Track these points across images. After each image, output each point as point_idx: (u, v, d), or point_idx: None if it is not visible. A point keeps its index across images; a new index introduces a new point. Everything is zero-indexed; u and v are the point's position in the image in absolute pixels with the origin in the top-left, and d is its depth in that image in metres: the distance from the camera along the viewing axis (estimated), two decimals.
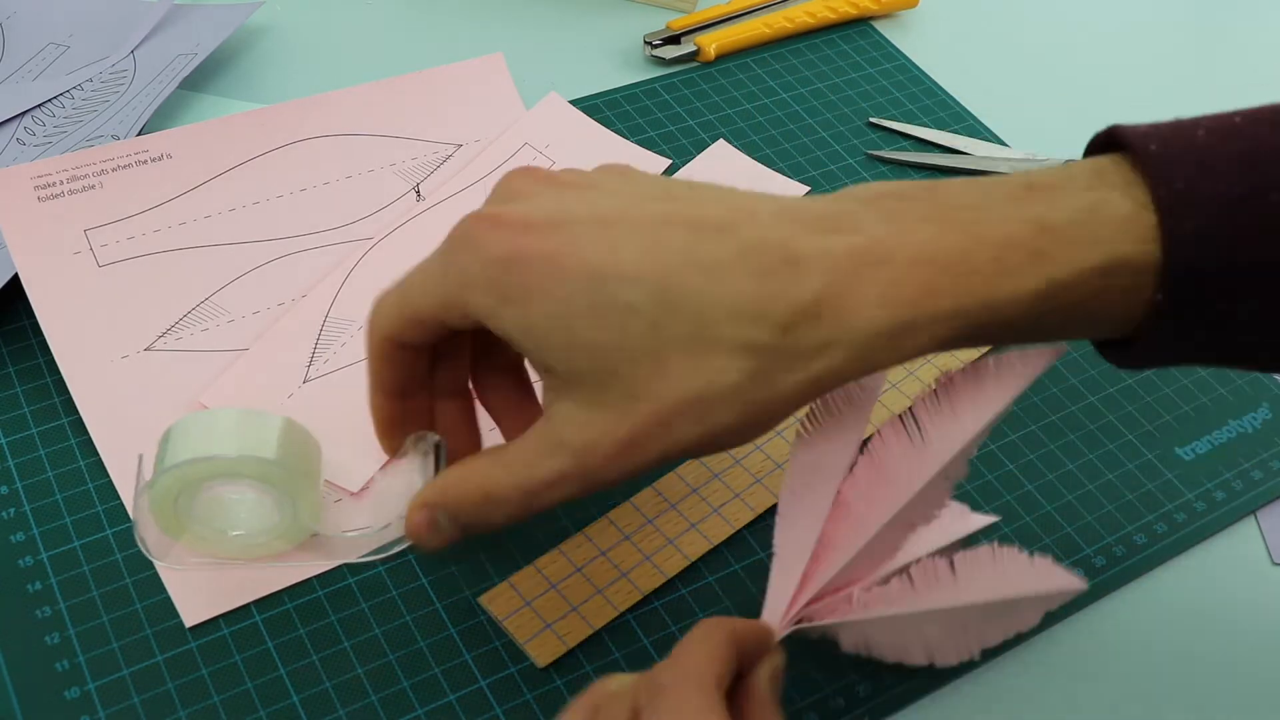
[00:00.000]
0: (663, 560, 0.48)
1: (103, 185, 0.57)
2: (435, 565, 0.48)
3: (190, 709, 0.43)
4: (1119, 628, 0.49)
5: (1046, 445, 0.54)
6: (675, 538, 0.49)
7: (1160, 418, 0.56)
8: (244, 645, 0.45)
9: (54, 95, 0.65)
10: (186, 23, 0.70)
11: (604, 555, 0.48)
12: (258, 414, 0.43)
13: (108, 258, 0.56)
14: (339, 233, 0.59)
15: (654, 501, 0.50)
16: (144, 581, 0.46)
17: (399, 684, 0.45)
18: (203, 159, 0.60)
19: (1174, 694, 0.47)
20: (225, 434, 0.42)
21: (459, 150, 0.64)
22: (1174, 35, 0.82)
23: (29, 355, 0.54)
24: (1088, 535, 0.51)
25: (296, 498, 0.43)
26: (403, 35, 0.73)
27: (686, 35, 0.73)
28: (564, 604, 0.46)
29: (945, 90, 0.73)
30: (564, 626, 0.46)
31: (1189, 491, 0.53)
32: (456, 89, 0.66)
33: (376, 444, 0.49)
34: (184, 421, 0.42)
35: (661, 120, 0.68)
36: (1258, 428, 0.56)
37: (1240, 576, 0.51)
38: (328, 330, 0.55)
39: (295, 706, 0.44)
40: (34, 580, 0.46)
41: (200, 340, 0.54)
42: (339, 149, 0.63)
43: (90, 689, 0.43)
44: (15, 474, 0.49)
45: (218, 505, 0.43)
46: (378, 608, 0.47)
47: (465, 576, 0.47)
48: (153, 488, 0.42)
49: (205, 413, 0.43)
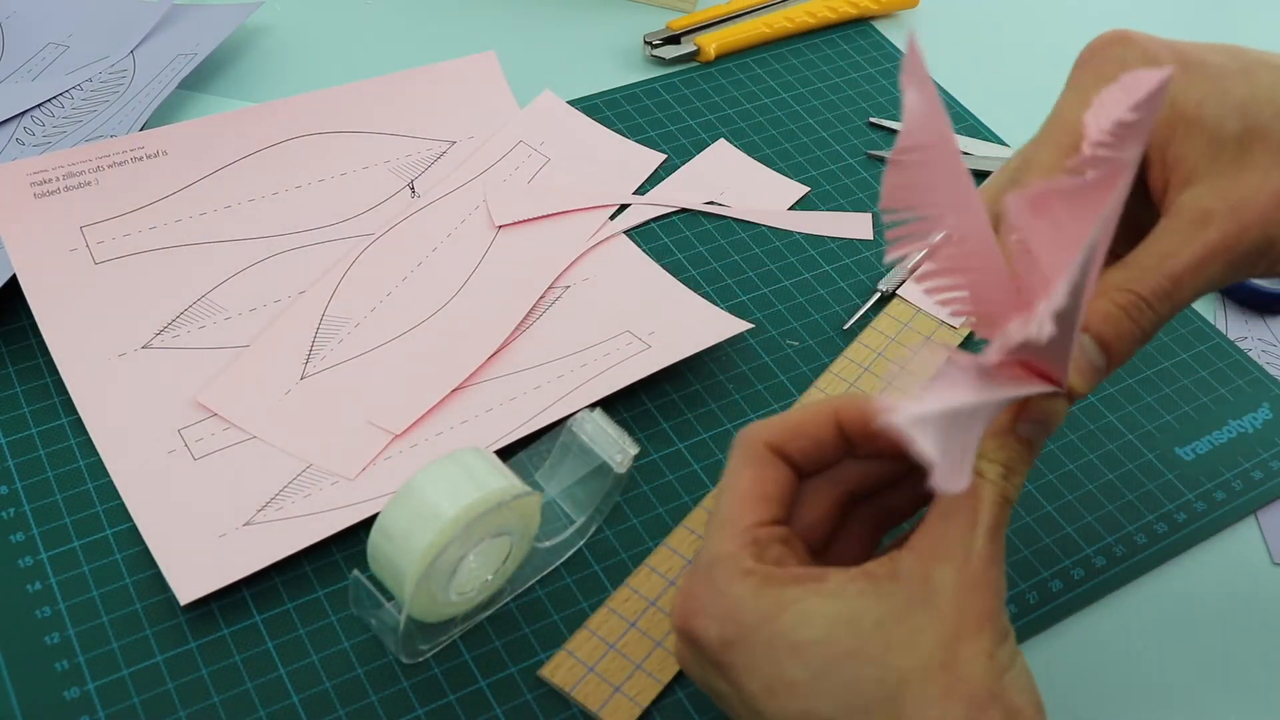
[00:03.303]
0: None
1: (99, 182, 0.57)
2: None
3: (190, 709, 0.43)
4: (1119, 628, 0.49)
5: (1047, 445, 0.54)
6: None
7: (1160, 418, 0.56)
8: (244, 645, 0.45)
9: (54, 95, 0.65)
10: (186, 23, 0.70)
11: (653, 605, 0.47)
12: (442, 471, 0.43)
13: (104, 255, 0.55)
14: (335, 229, 0.59)
15: (689, 541, 0.49)
16: (144, 582, 0.46)
17: (399, 684, 0.44)
18: (199, 156, 0.60)
19: (1174, 694, 0.47)
20: (437, 500, 0.42)
21: (453, 147, 0.64)
22: (1175, 34, 0.82)
23: (28, 355, 0.53)
24: (1088, 535, 0.51)
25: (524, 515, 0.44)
26: (403, 36, 0.73)
27: (686, 35, 0.73)
28: (627, 663, 0.45)
29: (945, 90, 0.73)
30: (633, 687, 0.45)
31: (1189, 491, 0.53)
32: (449, 87, 0.66)
33: (373, 437, 0.49)
34: (391, 515, 0.42)
35: (661, 120, 0.68)
36: (1258, 428, 0.56)
37: (1240, 576, 0.51)
38: (325, 327, 0.55)
39: (295, 706, 0.44)
40: (34, 580, 0.46)
41: (198, 338, 0.54)
42: (334, 146, 0.62)
43: (90, 689, 0.43)
44: (15, 474, 0.49)
45: (464, 567, 0.44)
46: None
47: (510, 651, 0.46)
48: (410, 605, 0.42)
49: (404, 497, 0.43)
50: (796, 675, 0.36)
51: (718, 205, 0.64)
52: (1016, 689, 0.36)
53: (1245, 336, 0.61)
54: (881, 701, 0.35)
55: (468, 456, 0.43)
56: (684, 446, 0.53)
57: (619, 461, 0.47)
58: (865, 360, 0.57)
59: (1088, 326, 0.38)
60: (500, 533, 0.44)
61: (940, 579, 0.36)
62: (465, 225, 0.60)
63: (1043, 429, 0.38)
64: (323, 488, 0.49)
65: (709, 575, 0.38)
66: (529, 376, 0.54)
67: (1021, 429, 0.38)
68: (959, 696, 0.35)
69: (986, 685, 0.35)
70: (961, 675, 0.35)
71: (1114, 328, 0.38)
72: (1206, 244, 0.37)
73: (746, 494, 0.39)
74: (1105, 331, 0.38)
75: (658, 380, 0.55)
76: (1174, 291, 0.38)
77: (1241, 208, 0.37)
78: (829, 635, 0.36)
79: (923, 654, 0.35)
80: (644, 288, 0.59)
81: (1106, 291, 0.38)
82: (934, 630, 0.35)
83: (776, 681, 0.36)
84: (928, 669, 0.35)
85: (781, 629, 0.36)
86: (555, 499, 0.49)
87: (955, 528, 0.36)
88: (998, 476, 0.37)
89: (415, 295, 0.57)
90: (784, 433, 0.40)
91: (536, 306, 0.57)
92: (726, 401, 0.55)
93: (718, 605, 0.37)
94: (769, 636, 0.36)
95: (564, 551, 0.48)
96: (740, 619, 0.37)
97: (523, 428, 0.51)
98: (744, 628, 0.37)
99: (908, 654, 0.35)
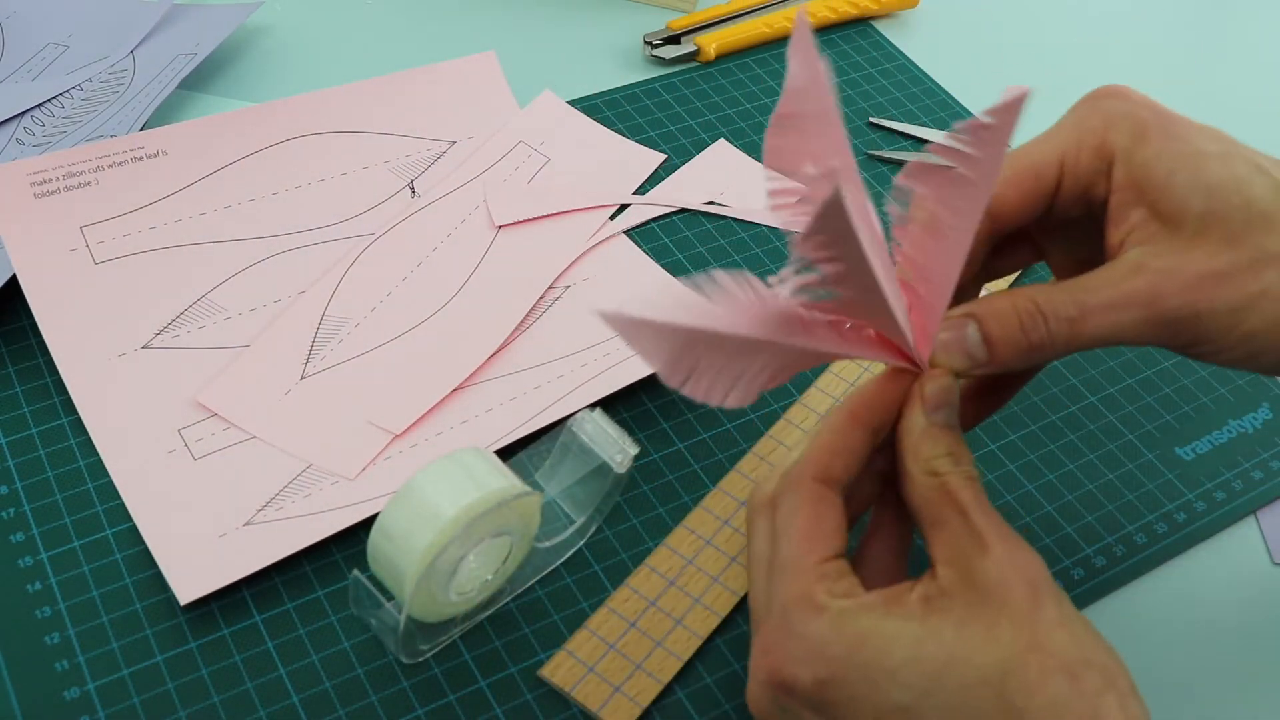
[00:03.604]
0: (712, 599, 0.47)
1: (99, 182, 0.57)
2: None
3: (190, 709, 0.43)
4: (1119, 627, 0.49)
5: (1046, 445, 0.54)
6: (719, 575, 0.48)
7: (1160, 418, 0.56)
8: (244, 645, 0.45)
9: (54, 95, 0.65)
10: (186, 23, 0.70)
11: (653, 605, 0.47)
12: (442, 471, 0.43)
13: (104, 255, 0.55)
14: (335, 229, 0.59)
15: (689, 540, 0.49)
16: (144, 582, 0.46)
17: (399, 684, 0.44)
18: (198, 156, 0.60)
19: (1174, 694, 0.47)
20: (437, 499, 0.42)
21: (453, 147, 0.64)
22: (1175, 35, 0.82)
23: (28, 355, 0.53)
24: (1088, 535, 0.51)
25: (524, 514, 0.44)
26: (403, 36, 0.73)
27: (686, 35, 0.73)
28: (627, 663, 0.45)
29: (945, 90, 0.73)
30: (633, 687, 0.45)
31: (1189, 491, 0.53)
32: (449, 87, 0.66)
33: (373, 437, 0.49)
34: (391, 514, 0.42)
35: (661, 120, 0.68)
36: (1258, 428, 0.56)
37: (1240, 576, 0.51)
38: (325, 327, 0.55)
39: (295, 706, 0.44)
40: (34, 580, 0.46)
41: (198, 338, 0.54)
42: (334, 146, 0.62)
43: (90, 689, 0.43)
44: (15, 474, 0.49)
45: (464, 566, 0.44)
46: None
47: (510, 651, 0.47)
48: (410, 606, 0.42)
49: (404, 497, 0.42)
50: (902, 698, 0.36)
51: (718, 205, 0.64)
52: (1100, 647, 0.37)
53: None
54: (989, 698, 0.35)
55: (468, 456, 0.43)
56: (684, 446, 0.53)
57: (619, 461, 0.47)
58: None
59: (979, 316, 0.39)
60: (500, 533, 0.44)
61: (980, 575, 0.36)
62: (465, 225, 0.60)
63: (948, 411, 0.39)
64: (323, 488, 0.49)
65: (785, 621, 0.38)
66: (529, 376, 0.54)
67: (935, 418, 0.39)
68: (1055, 670, 0.35)
69: (1074, 652, 0.36)
70: (1048, 650, 0.35)
71: (1001, 326, 0.39)
72: (1127, 291, 0.38)
73: (806, 533, 0.39)
74: (992, 326, 0.39)
75: (658, 380, 0.54)
76: (1077, 320, 0.38)
77: (1175, 273, 0.38)
78: (920, 654, 0.36)
79: (1005, 644, 0.35)
80: (644, 288, 0.59)
81: (1016, 294, 0.39)
82: (1004, 620, 0.36)
83: (883, 708, 0.36)
84: (1019, 656, 0.35)
85: (873, 657, 0.36)
86: (555, 499, 0.49)
87: (953, 527, 0.37)
88: (950, 465, 0.38)
89: (415, 295, 0.57)
90: (824, 456, 0.40)
91: (536, 306, 0.57)
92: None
93: (802, 648, 0.37)
94: (863, 666, 0.36)
95: (564, 551, 0.48)
96: (830, 656, 0.37)
97: (523, 428, 0.51)
98: (835, 664, 0.37)
99: (995, 649, 0.35)
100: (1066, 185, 0.41)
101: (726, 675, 0.46)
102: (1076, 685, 0.35)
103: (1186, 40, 0.81)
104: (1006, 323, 0.39)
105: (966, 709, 0.35)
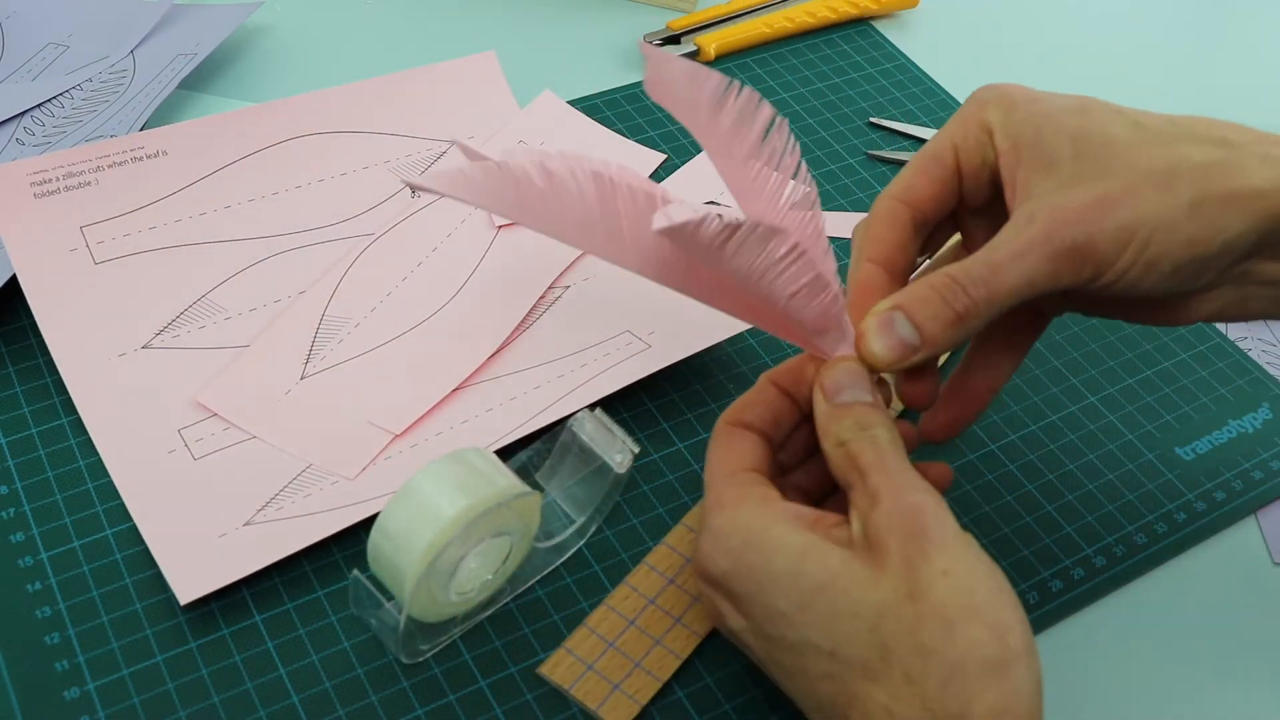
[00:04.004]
0: None
1: (99, 182, 0.57)
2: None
3: (190, 709, 0.43)
4: (1119, 628, 0.49)
5: (1047, 445, 0.54)
6: None
7: (1160, 418, 0.56)
8: (244, 645, 0.45)
9: (54, 95, 0.65)
10: (186, 23, 0.70)
11: (652, 603, 0.47)
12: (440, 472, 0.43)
13: (104, 255, 0.55)
14: (335, 229, 0.59)
15: (688, 539, 0.49)
16: (143, 581, 0.46)
17: (399, 684, 0.44)
18: (198, 156, 0.60)
19: (1174, 694, 0.47)
20: (439, 501, 0.42)
21: (452, 147, 0.64)
22: (1175, 34, 0.82)
23: (28, 355, 0.53)
24: (1088, 535, 0.51)
25: (524, 516, 0.44)
26: (403, 36, 0.73)
27: (686, 35, 0.73)
28: (626, 661, 0.45)
29: (945, 90, 0.73)
30: (632, 685, 0.45)
31: (1189, 491, 0.53)
32: (449, 87, 0.66)
33: (373, 437, 0.49)
34: (391, 515, 0.42)
35: (661, 120, 0.68)
36: (1258, 428, 0.56)
37: (1240, 576, 0.51)
38: (325, 327, 0.55)
39: (295, 706, 0.44)
40: (34, 580, 0.46)
41: (198, 338, 0.54)
42: (334, 146, 0.62)
43: (90, 689, 0.43)
44: (15, 474, 0.49)
45: (464, 566, 0.44)
46: None
47: (510, 651, 0.47)
48: (410, 605, 0.42)
49: (402, 499, 0.43)
50: (782, 605, 0.38)
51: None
52: (1002, 599, 0.38)
53: (1245, 336, 0.61)
54: (861, 632, 0.37)
55: (468, 456, 0.43)
56: (684, 446, 0.53)
57: (619, 461, 0.47)
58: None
59: (902, 305, 0.41)
60: (500, 533, 0.44)
61: (871, 528, 0.38)
62: (465, 225, 0.60)
63: (851, 390, 0.42)
64: (323, 488, 0.49)
65: (703, 521, 0.42)
66: (529, 376, 0.54)
67: (838, 399, 0.42)
68: (931, 618, 0.36)
69: (955, 601, 0.37)
70: (929, 600, 0.37)
71: (925, 306, 0.41)
72: (1025, 238, 0.41)
73: (720, 457, 0.43)
74: (915, 310, 0.41)
75: (658, 380, 0.55)
76: (990, 278, 0.41)
77: (1059, 210, 0.41)
78: (800, 568, 0.38)
79: (885, 590, 0.37)
80: (644, 288, 0.58)
81: (930, 276, 0.41)
82: (887, 569, 0.37)
83: (771, 609, 0.39)
84: (898, 603, 0.37)
85: (759, 560, 0.39)
86: (555, 499, 0.49)
87: (857, 488, 0.40)
88: (853, 433, 0.41)
89: (415, 295, 0.57)
90: (737, 405, 0.44)
91: (536, 306, 0.57)
92: (726, 401, 0.55)
93: (709, 542, 0.41)
94: (750, 566, 0.39)
95: (564, 551, 0.48)
96: (728, 548, 0.40)
97: (523, 428, 0.51)
98: (731, 556, 0.40)
99: (875, 592, 0.37)
100: (964, 165, 0.44)
101: (725, 674, 0.46)
102: (951, 633, 0.36)
103: (1186, 40, 0.81)
104: (929, 301, 0.41)
105: (836, 633, 0.37)
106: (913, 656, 0.36)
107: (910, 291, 0.42)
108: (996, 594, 0.37)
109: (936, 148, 0.45)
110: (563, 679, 0.45)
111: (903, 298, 0.41)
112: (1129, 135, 0.42)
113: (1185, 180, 0.40)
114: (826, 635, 0.38)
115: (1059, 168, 0.41)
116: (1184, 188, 0.40)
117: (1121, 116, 0.42)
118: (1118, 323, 0.60)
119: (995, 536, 0.51)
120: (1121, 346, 0.59)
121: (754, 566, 0.39)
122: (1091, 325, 0.60)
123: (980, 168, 0.44)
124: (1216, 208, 0.40)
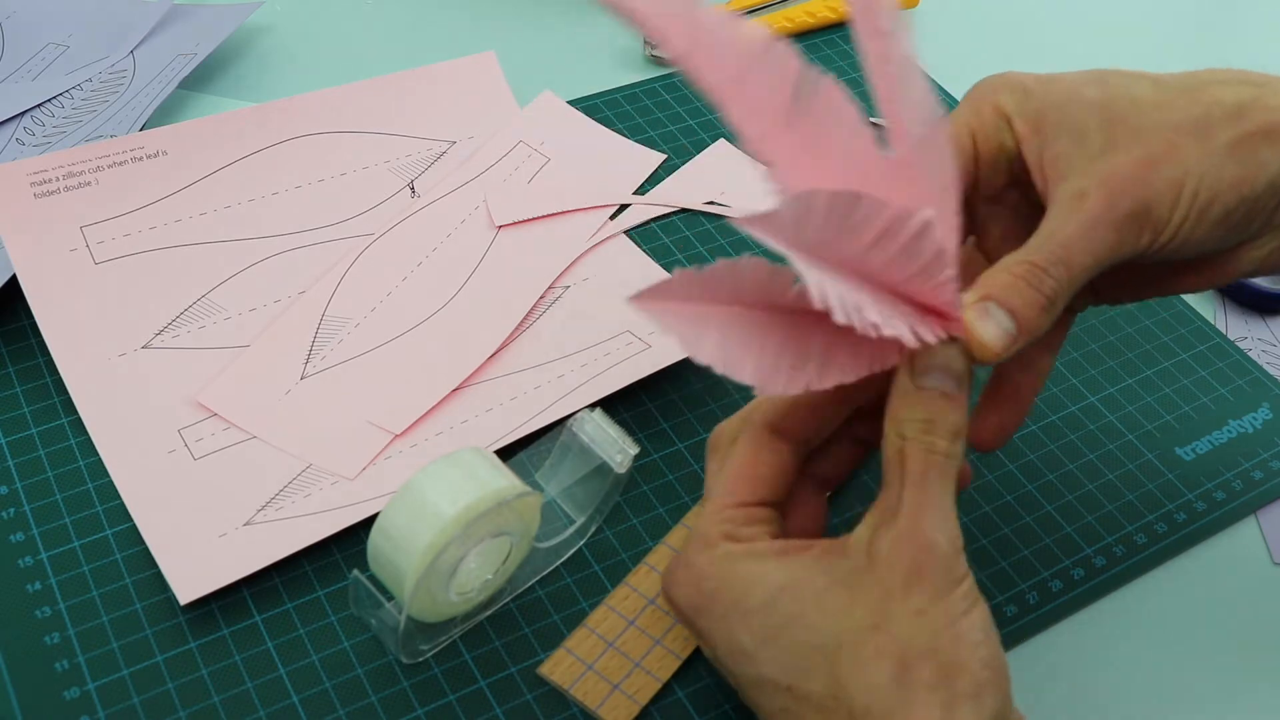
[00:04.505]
0: None
1: (99, 182, 0.57)
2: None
3: (190, 709, 0.43)
4: (1119, 627, 0.49)
5: (1047, 445, 0.54)
6: None
7: (1160, 418, 0.56)
8: (244, 645, 0.45)
9: (54, 95, 0.65)
10: (186, 23, 0.70)
11: (652, 603, 0.47)
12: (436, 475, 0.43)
13: (104, 255, 0.55)
14: (335, 229, 0.59)
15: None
16: (144, 582, 0.46)
17: (399, 684, 0.44)
18: (198, 156, 0.60)
19: (1174, 694, 0.47)
20: (438, 502, 0.42)
21: (453, 147, 0.64)
22: (1175, 33, 0.82)
23: (28, 355, 0.53)
24: (1088, 535, 0.51)
25: (524, 515, 0.44)
26: (403, 36, 0.73)
27: None
28: (626, 661, 0.45)
29: (945, 90, 0.73)
30: (632, 685, 0.45)
31: (1189, 491, 0.53)
32: (448, 87, 0.66)
33: (373, 437, 0.49)
34: (390, 515, 0.42)
35: (661, 120, 0.68)
36: (1258, 428, 0.56)
37: (1240, 576, 0.51)
38: (325, 327, 0.55)
39: (295, 706, 0.44)
40: (34, 580, 0.46)
41: (198, 338, 0.54)
42: (334, 146, 0.62)
43: (90, 689, 0.43)
44: (15, 474, 0.49)
45: (464, 567, 0.44)
46: None
47: (510, 651, 0.46)
48: (410, 606, 0.42)
49: (405, 498, 0.43)
50: (745, 643, 0.38)
51: (718, 205, 0.64)
52: (963, 644, 0.37)
53: (1245, 336, 0.61)
54: (820, 665, 0.37)
55: (468, 456, 0.43)
56: (684, 446, 0.53)
57: (619, 462, 0.47)
58: None
59: (991, 295, 0.40)
60: (500, 533, 0.44)
61: (877, 543, 0.38)
62: (465, 225, 0.60)
63: (940, 376, 0.39)
64: (323, 488, 0.49)
65: (687, 548, 0.41)
66: (529, 376, 0.54)
67: (922, 381, 0.39)
68: (888, 655, 0.36)
69: (918, 643, 0.36)
70: (892, 635, 0.36)
71: (1016, 294, 0.40)
72: (1086, 215, 0.40)
73: (736, 475, 0.42)
74: (1008, 298, 0.40)
75: (658, 380, 0.55)
76: (1066, 258, 0.40)
77: (1109, 179, 0.40)
78: (773, 601, 0.38)
79: (856, 618, 0.37)
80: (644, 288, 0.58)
81: (1004, 267, 0.40)
82: (870, 593, 0.37)
83: (733, 647, 0.39)
84: (860, 631, 0.37)
85: (736, 597, 0.39)
86: (555, 499, 0.49)
87: (889, 491, 0.38)
88: (917, 431, 0.38)
89: (415, 295, 0.57)
90: (781, 405, 0.42)
91: (536, 306, 0.57)
92: (726, 401, 0.55)
93: (685, 575, 0.41)
94: (724, 604, 0.39)
95: (564, 551, 0.48)
96: (703, 589, 0.40)
97: (523, 428, 0.51)
98: (704, 597, 0.40)
99: (844, 619, 0.37)
100: (981, 150, 0.43)
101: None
102: (904, 675, 0.36)
103: (1187, 40, 0.81)
104: (1016, 288, 0.40)
105: (795, 668, 0.37)
106: (859, 693, 0.36)
107: (992, 281, 0.40)
108: (979, 644, 0.37)
109: (952, 134, 0.43)
110: (563, 679, 0.45)
111: (990, 287, 0.40)
112: (1154, 94, 0.41)
113: (1220, 123, 0.40)
114: (784, 670, 0.38)
115: (1089, 139, 0.41)
116: (1220, 131, 0.40)
117: (1141, 78, 0.42)
118: (1118, 323, 0.60)
119: (995, 536, 0.51)
120: (1121, 346, 0.59)
121: (728, 605, 0.39)
122: (1091, 325, 0.60)
123: (997, 154, 0.43)
124: (1256, 144, 0.40)
